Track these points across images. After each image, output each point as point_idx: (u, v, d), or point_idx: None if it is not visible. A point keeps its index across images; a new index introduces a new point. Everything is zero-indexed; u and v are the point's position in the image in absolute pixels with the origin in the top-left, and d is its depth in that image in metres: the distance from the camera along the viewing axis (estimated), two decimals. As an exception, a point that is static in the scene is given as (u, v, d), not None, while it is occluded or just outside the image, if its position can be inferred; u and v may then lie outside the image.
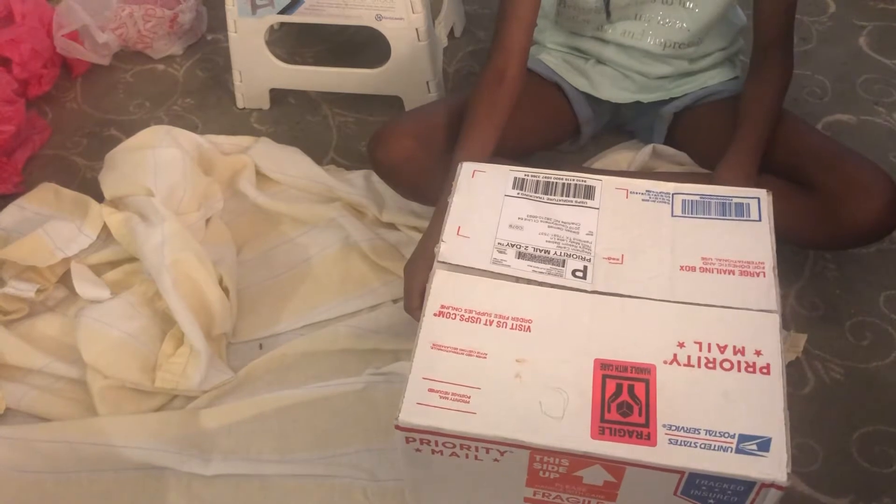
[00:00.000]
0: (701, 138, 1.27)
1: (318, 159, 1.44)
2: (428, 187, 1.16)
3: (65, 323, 1.21)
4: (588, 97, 1.31)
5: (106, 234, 1.29)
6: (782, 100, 1.18)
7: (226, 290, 1.22)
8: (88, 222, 1.28)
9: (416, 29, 1.41)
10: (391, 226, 1.32)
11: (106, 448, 1.07)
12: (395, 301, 1.23)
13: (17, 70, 1.53)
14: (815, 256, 1.26)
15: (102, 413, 1.10)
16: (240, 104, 1.58)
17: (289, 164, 1.42)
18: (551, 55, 1.32)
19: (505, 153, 1.15)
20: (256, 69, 1.53)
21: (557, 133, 1.35)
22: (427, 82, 1.48)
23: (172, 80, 1.66)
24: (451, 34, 1.67)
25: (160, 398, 1.14)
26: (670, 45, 1.22)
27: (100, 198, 1.31)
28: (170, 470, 1.06)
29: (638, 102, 1.29)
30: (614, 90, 1.29)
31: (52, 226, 1.27)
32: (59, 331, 1.21)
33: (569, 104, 1.32)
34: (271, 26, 1.49)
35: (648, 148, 1.31)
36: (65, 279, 1.26)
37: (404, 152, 1.17)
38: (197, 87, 1.64)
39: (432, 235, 0.99)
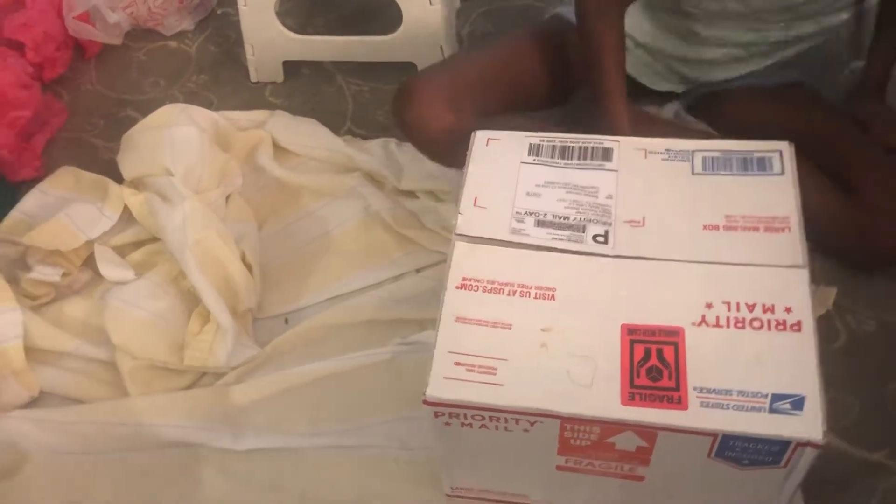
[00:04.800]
0: (719, 121, 1.22)
1: (335, 130, 1.43)
2: (457, 149, 1.12)
3: (91, 305, 1.22)
4: None
5: (127, 216, 1.29)
6: None
7: (249, 267, 1.22)
8: (109, 204, 1.28)
9: (428, -8, 1.38)
10: (411, 194, 1.31)
11: (139, 428, 1.08)
12: (417, 271, 1.23)
13: (31, 54, 1.53)
14: (843, 206, 1.23)
15: (133, 393, 1.12)
16: (253, 78, 1.57)
17: (306, 135, 1.41)
18: None
19: (520, 107, 1.12)
20: (268, 42, 1.51)
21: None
22: (441, 46, 1.46)
23: (185, 57, 1.65)
24: (463, -5, 1.65)
25: (189, 376, 1.15)
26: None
27: (119, 179, 1.31)
28: (203, 447, 1.07)
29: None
30: (651, 76, 1.24)
31: (73, 209, 1.27)
32: (86, 313, 1.21)
33: None
34: (281, -4, 1.47)
35: (672, 107, 1.27)
36: (89, 262, 1.27)
37: (439, 122, 1.12)
38: (210, 63, 1.63)
39: None
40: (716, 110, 1.24)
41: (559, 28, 1.25)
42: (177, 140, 1.28)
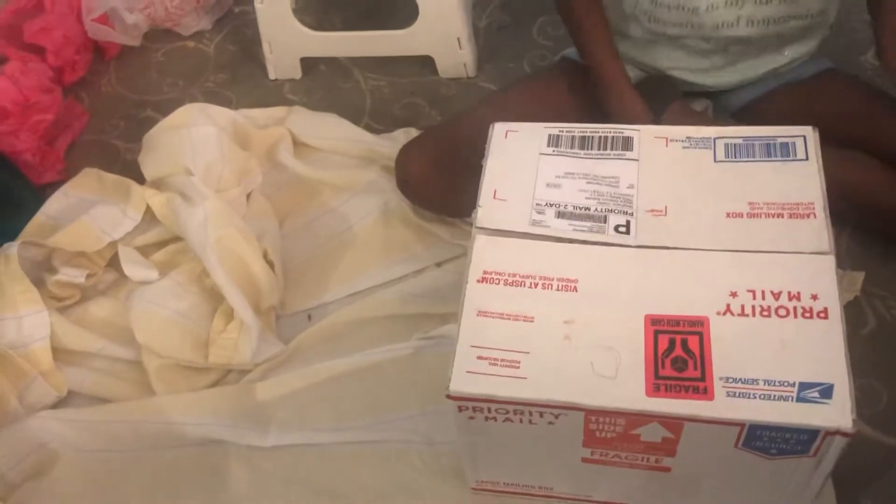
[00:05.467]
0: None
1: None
2: (453, 204, 1.17)
3: (117, 306, 1.23)
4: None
5: (150, 216, 1.30)
6: None
7: (271, 264, 1.22)
8: (132, 205, 1.29)
9: (444, -16, 1.38)
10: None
11: (166, 426, 1.09)
12: (438, 264, 1.22)
13: (51, 58, 1.54)
14: (869, 191, 1.21)
15: (159, 392, 1.12)
16: (271, 75, 1.57)
17: (326, 128, 1.42)
18: None
19: None
20: (285, 39, 1.51)
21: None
22: (458, 39, 1.45)
23: (204, 57, 1.66)
24: (479, -13, 1.64)
25: (214, 374, 1.16)
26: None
27: (141, 179, 1.32)
28: (229, 444, 1.07)
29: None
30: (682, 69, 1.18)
31: (97, 211, 1.28)
32: (111, 313, 1.22)
33: None
34: (297, -7, 1.47)
35: (702, 103, 1.24)
36: (113, 262, 1.28)
37: (421, 176, 1.17)
38: (228, 62, 1.64)
39: None
40: (755, 115, 1.19)
41: (561, 72, 1.23)
42: (196, 139, 1.29)
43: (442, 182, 1.16)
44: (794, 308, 0.74)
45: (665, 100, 1.10)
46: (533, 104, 1.19)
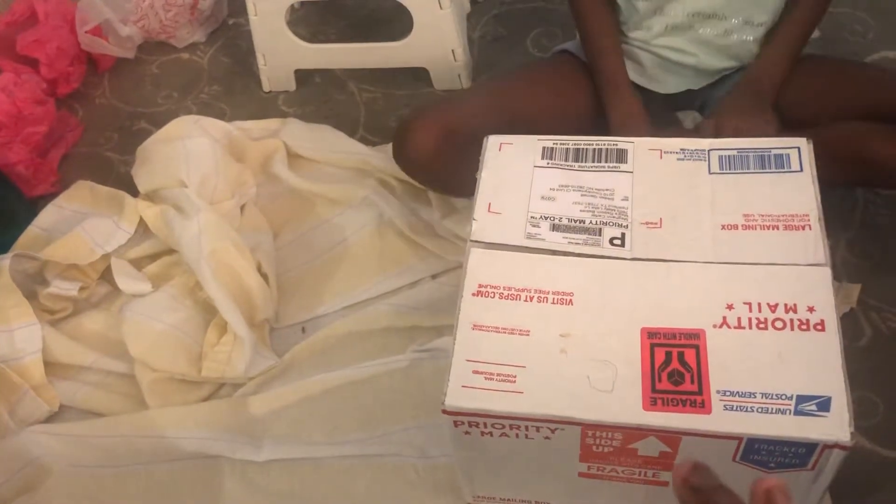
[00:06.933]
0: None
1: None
2: (458, 181, 1.10)
3: (110, 319, 1.22)
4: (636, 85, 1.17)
5: (143, 229, 1.29)
6: (807, 34, 1.08)
7: (265, 276, 1.22)
8: (125, 217, 1.28)
9: (437, -3, 1.38)
10: (425, 200, 1.30)
11: (159, 440, 1.08)
12: (433, 276, 1.22)
13: (45, 70, 1.54)
14: (864, 202, 1.22)
15: (152, 405, 1.12)
16: (266, 87, 1.57)
17: (320, 140, 1.41)
18: None
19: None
20: (280, 51, 1.51)
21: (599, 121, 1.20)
22: (452, 51, 1.45)
23: (198, 69, 1.66)
24: (473, -1, 1.64)
25: (208, 387, 1.15)
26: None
27: (135, 192, 1.32)
28: (223, 458, 1.07)
29: (689, 90, 1.17)
30: (667, 77, 1.16)
31: (90, 223, 1.28)
32: (104, 327, 1.22)
33: None
34: (292, 6, 1.47)
35: (690, 114, 1.23)
36: (106, 275, 1.27)
37: (428, 150, 1.09)
38: (222, 74, 1.63)
39: None
40: None
41: (563, 60, 1.21)
42: (191, 152, 1.29)
43: (448, 156, 1.09)
44: (791, 320, 0.74)
45: (658, 122, 1.10)
46: (535, 86, 1.17)
